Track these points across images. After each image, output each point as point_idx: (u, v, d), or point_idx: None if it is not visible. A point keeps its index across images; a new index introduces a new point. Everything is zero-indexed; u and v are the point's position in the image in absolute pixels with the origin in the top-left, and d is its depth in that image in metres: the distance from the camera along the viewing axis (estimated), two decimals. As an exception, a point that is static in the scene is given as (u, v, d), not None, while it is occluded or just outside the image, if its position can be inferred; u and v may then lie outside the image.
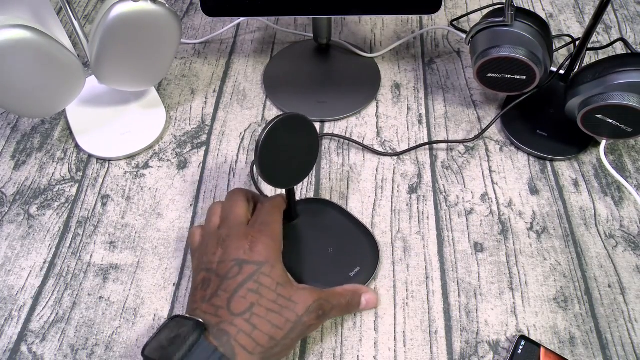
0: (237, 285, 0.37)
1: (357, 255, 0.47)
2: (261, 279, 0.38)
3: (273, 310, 0.37)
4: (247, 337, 0.35)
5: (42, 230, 0.51)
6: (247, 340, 0.35)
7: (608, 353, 0.42)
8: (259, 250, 0.39)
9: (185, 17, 0.74)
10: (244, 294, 0.37)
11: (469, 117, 0.60)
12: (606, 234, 0.50)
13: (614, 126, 0.50)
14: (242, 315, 0.36)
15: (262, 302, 0.37)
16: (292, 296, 0.38)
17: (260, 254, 0.39)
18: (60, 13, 0.73)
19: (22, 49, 0.46)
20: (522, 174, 0.55)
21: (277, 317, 0.37)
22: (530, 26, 0.52)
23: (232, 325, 0.35)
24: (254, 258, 0.38)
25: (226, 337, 0.35)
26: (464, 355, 0.42)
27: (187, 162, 0.57)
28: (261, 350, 0.35)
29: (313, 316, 0.38)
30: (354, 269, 0.46)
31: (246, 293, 0.37)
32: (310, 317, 0.38)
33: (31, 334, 0.44)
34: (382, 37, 0.70)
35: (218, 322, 0.36)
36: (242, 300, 0.37)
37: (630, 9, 0.74)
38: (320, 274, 0.45)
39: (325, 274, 0.45)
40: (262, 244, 0.39)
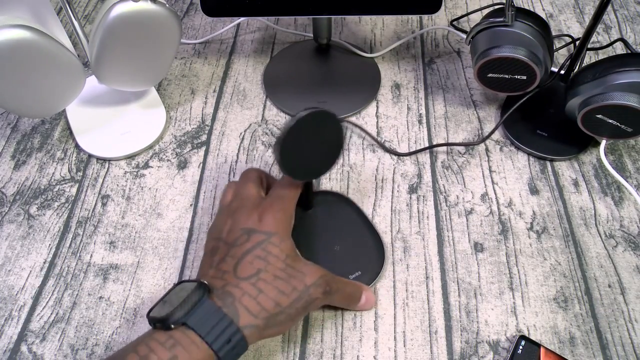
0: (244, 251, 0.37)
1: (362, 258, 0.47)
2: (269, 247, 0.38)
3: (280, 278, 0.37)
4: (252, 300, 0.35)
5: (42, 230, 0.51)
6: (251, 303, 0.35)
7: (608, 353, 0.42)
8: (268, 221, 0.39)
9: (185, 17, 0.74)
10: (251, 260, 0.37)
11: (469, 117, 0.60)
12: (606, 234, 0.50)
13: (614, 126, 0.50)
14: (249, 280, 0.36)
15: (269, 269, 0.37)
16: (300, 267, 0.38)
17: (270, 224, 0.39)
18: (60, 13, 0.73)
19: (22, 49, 0.46)
20: (522, 174, 0.55)
21: (284, 284, 0.36)
22: (531, 26, 0.52)
23: (237, 288, 0.35)
24: (263, 228, 0.38)
25: (230, 298, 0.35)
26: (464, 355, 0.42)
27: (187, 162, 0.57)
28: (266, 315, 0.35)
29: (320, 290, 0.38)
30: (355, 272, 0.46)
31: (253, 259, 0.37)
32: (317, 290, 0.38)
33: (31, 334, 0.44)
34: (382, 37, 0.70)
35: (223, 284, 0.36)
36: (249, 265, 0.37)
37: (630, 9, 0.74)
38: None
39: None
40: (271, 216, 0.39)
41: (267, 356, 0.42)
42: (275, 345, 0.43)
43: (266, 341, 0.43)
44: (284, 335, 0.44)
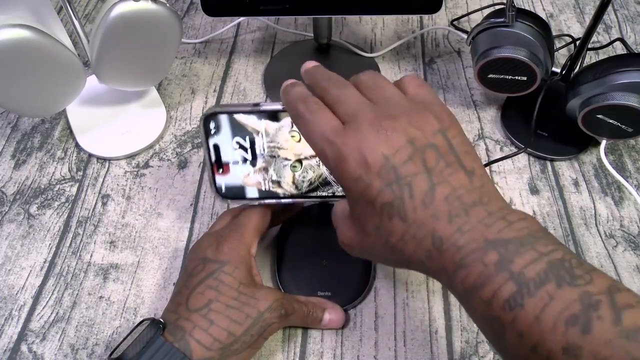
0: (197, 282, 0.38)
1: (342, 278, 0.45)
2: (221, 276, 0.38)
3: (232, 307, 0.36)
4: (203, 332, 0.35)
5: (42, 230, 0.51)
6: (203, 335, 0.35)
7: (608, 353, 0.42)
8: (223, 250, 0.39)
9: (186, 16, 0.74)
10: (202, 290, 0.37)
11: (469, 117, 0.60)
12: (606, 233, 0.50)
13: (614, 126, 0.50)
14: (199, 311, 0.36)
15: (220, 299, 0.36)
16: (254, 294, 0.38)
17: (224, 253, 0.39)
18: (61, 12, 0.73)
19: (22, 48, 0.45)
20: (522, 174, 0.55)
21: (236, 313, 0.36)
22: (531, 27, 0.52)
23: (187, 321, 0.35)
24: (217, 257, 0.39)
25: (181, 332, 0.35)
26: (464, 355, 0.43)
27: (187, 162, 0.57)
28: (219, 346, 0.35)
29: (275, 314, 0.38)
30: (325, 291, 0.44)
31: (205, 289, 0.37)
32: (272, 314, 0.38)
33: (31, 334, 0.44)
34: (382, 37, 0.70)
35: (176, 318, 0.36)
36: (200, 296, 0.37)
37: (630, 9, 0.74)
38: (301, 281, 0.45)
39: (306, 282, 0.45)
40: (227, 244, 0.39)
41: (267, 356, 0.42)
42: (275, 345, 0.43)
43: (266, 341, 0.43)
44: (284, 335, 0.44)
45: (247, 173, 0.41)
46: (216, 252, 0.39)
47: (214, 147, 0.40)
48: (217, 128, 0.39)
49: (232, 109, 0.39)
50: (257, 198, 0.42)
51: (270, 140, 0.39)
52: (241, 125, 0.39)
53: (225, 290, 0.37)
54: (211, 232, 0.43)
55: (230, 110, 0.38)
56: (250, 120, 0.39)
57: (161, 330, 0.35)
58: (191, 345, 0.34)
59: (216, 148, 0.40)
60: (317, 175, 0.41)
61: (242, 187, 0.41)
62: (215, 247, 0.39)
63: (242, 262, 0.39)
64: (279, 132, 0.39)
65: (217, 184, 0.41)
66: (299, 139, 0.39)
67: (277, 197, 0.41)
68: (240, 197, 0.42)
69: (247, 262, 0.39)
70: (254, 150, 0.40)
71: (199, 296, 0.37)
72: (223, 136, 0.39)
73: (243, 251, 0.40)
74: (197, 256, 0.40)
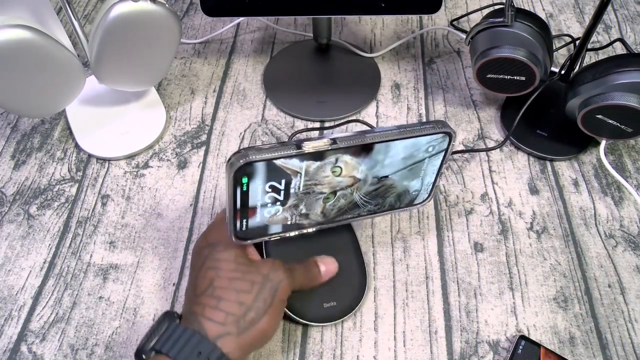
0: (198, 269, 0.39)
1: (343, 283, 0.44)
2: (216, 255, 0.38)
3: (236, 278, 0.37)
4: (213, 310, 0.35)
5: (42, 230, 0.51)
6: (214, 313, 0.35)
7: (608, 353, 0.42)
8: (212, 234, 0.40)
9: (185, 17, 0.74)
10: (204, 274, 0.38)
11: (469, 117, 0.60)
12: (606, 233, 0.50)
13: (614, 126, 0.50)
14: (205, 292, 0.37)
15: (221, 274, 0.37)
16: (253, 263, 0.38)
17: (213, 237, 0.40)
18: (60, 13, 0.73)
19: (22, 49, 0.45)
20: (522, 174, 0.55)
21: (241, 283, 0.37)
22: (530, 27, 0.52)
23: (198, 305, 0.36)
24: (208, 241, 0.40)
25: (193, 316, 0.36)
26: (464, 355, 0.43)
27: (187, 162, 0.57)
28: (233, 319, 0.35)
29: (280, 272, 0.38)
30: (330, 301, 0.43)
31: (206, 272, 0.38)
32: (277, 273, 0.38)
33: (31, 334, 0.44)
34: (382, 37, 0.70)
35: (189, 306, 0.37)
36: (203, 279, 0.37)
37: (630, 9, 0.74)
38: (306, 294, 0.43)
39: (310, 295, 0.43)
40: (214, 230, 0.41)
41: (267, 356, 0.42)
42: (275, 345, 0.43)
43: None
44: (284, 335, 0.44)
45: (275, 212, 0.37)
46: (207, 239, 0.40)
47: (241, 194, 0.34)
48: (249, 175, 0.33)
49: (270, 155, 0.32)
50: (280, 232, 0.39)
51: (309, 178, 0.35)
52: (278, 168, 0.33)
53: (223, 266, 0.38)
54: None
55: (268, 157, 0.32)
56: (291, 163, 0.34)
57: (176, 319, 0.36)
58: (205, 325, 0.35)
59: (244, 195, 0.34)
60: (348, 202, 0.39)
61: (266, 225, 0.38)
62: (204, 237, 0.41)
63: (233, 244, 0.39)
64: (320, 170, 0.35)
65: (237, 228, 0.37)
66: (339, 173, 0.36)
67: (301, 228, 0.40)
68: (262, 235, 0.39)
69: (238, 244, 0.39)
70: (287, 191, 0.35)
71: (202, 280, 0.37)
72: (255, 182, 0.34)
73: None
74: (195, 250, 0.41)
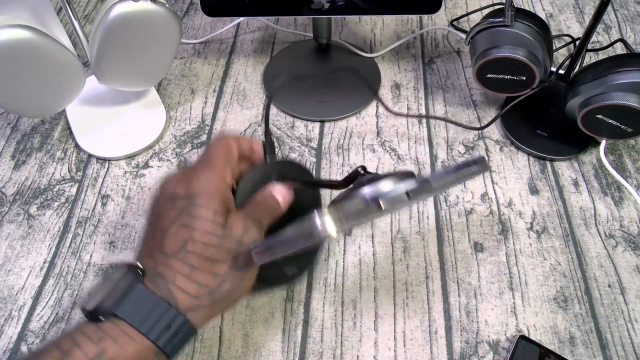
0: (169, 222, 0.33)
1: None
2: (194, 211, 0.33)
3: (211, 244, 0.33)
4: (186, 280, 0.32)
5: (42, 230, 0.51)
6: (187, 283, 0.32)
7: (608, 353, 0.42)
8: (193, 182, 0.34)
9: (185, 16, 0.74)
10: (176, 231, 0.33)
11: (469, 117, 0.60)
12: (606, 233, 0.50)
13: (614, 126, 0.50)
14: (177, 255, 0.32)
15: (196, 237, 0.32)
16: (227, 225, 0.34)
17: (193, 186, 0.34)
18: (60, 13, 0.73)
19: (22, 49, 0.45)
20: (522, 174, 0.55)
21: (216, 251, 0.33)
22: (530, 27, 0.52)
23: (167, 268, 0.32)
24: (189, 191, 0.34)
25: (162, 280, 0.31)
26: (464, 355, 0.42)
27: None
28: (206, 291, 0.32)
29: (252, 232, 0.34)
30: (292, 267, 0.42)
31: (178, 230, 0.33)
32: (249, 234, 0.34)
33: (31, 334, 0.44)
34: (382, 37, 0.70)
35: (154, 265, 0.32)
36: (174, 237, 0.32)
37: (630, 9, 0.74)
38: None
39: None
40: (197, 176, 0.34)
41: (267, 356, 0.42)
42: (275, 345, 0.43)
43: (266, 341, 0.43)
44: (284, 335, 0.44)
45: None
46: (186, 186, 0.34)
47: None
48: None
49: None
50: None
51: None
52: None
53: (199, 226, 0.33)
54: (179, 169, 0.39)
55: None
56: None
57: (141, 277, 0.32)
58: (176, 296, 0.31)
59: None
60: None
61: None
62: (184, 183, 0.34)
63: (217, 192, 0.34)
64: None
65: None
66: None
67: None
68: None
69: (222, 191, 0.35)
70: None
71: (173, 238, 0.32)
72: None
73: (216, 180, 0.35)
74: (165, 194, 0.35)
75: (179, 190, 0.34)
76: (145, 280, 0.32)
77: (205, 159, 0.36)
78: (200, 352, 0.43)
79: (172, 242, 0.32)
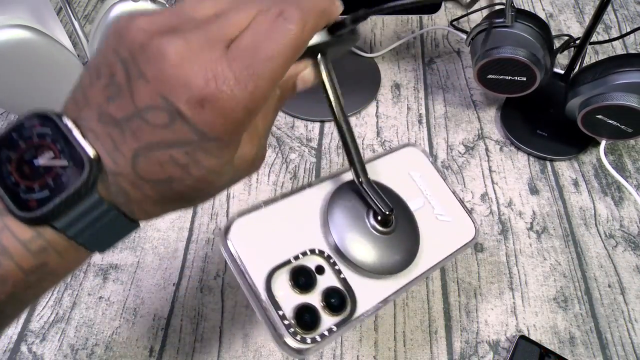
0: (156, 142, 0.21)
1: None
2: (198, 156, 0.21)
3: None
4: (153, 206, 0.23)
5: (42, 230, 0.51)
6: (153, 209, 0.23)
7: (608, 353, 0.42)
8: (209, 114, 0.20)
9: (185, 17, 0.74)
10: (163, 161, 0.21)
11: (469, 117, 0.60)
12: (606, 233, 0.50)
13: (614, 126, 0.50)
14: (153, 182, 0.22)
15: (187, 180, 0.22)
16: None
17: (212, 120, 0.20)
18: (60, 13, 0.73)
19: (22, 49, 0.45)
20: (522, 174, 0.55)
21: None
22: (531, 27, 0.52)
23: (135, 189, 0.22)
24: (199, 121, 0.20)
25: (123, 196, 0.22)
26: (464, 355, 0.43)
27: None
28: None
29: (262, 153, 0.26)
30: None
31: (167, 161, 0.21)
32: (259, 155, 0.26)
33: (31, 334, 0.44)
34: (382, 37, 0.70)
35: (111, 148, 0.21)
36: (158, 167, 0.21)
37: (630, 9, 0.74)
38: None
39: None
40: (226, 99, 0.20)
41: (267, 356, 0.42)
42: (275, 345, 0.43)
43: (266, 341, 0.43)
44: (284, 335, 0.44)
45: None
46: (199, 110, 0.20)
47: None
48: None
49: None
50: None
51: None
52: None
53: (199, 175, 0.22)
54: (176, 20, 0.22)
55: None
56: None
57: (94, 178, 0.21)
58: (137, 216, 0.23)
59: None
60: None
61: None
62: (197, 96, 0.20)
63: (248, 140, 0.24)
64: None
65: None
66: None
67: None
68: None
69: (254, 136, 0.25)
70: None
71: (155, 164, 0.21)
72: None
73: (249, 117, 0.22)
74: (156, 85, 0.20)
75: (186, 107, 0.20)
76: (99, 184, 0.21)
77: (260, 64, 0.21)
78: (200, 352, 0.43)
79: (152, 168, 0.21)
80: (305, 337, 0.25)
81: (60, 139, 0.21)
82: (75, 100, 0.22)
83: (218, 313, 0.45)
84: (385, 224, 0.29)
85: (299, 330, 0.25)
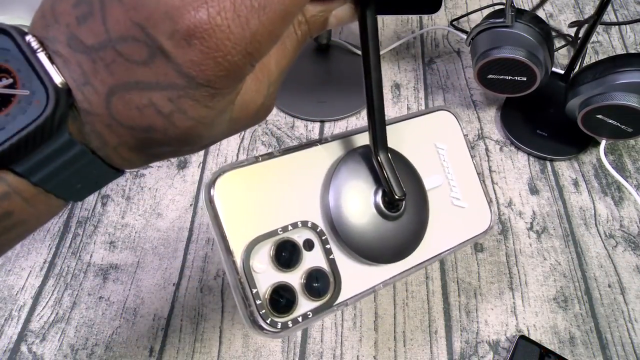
0: (133, 82, 0.17)
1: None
2: (182, 103, 0.18)
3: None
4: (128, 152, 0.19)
5: (42, 230, 0.51)
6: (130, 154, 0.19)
7: (608, 353, 0.42)
8: (207, 50, 0.16)
9: (185, 17, 0.74)
10: (141, 104, 0.18)
11: (469, 117, 0.60)
12: (606, 233, 0.50)
13: (614, 126, 0.50)
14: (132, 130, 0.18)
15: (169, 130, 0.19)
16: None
17: (205, 64, 0.17)
18: (60, 13, 0.73)
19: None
20: (522, 174, 0.55)
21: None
22: (531, 27, 0.52)
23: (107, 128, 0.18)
24: (185, 61, 0.17)
25: (97, 138, 0.18)
26: (464, 355, 0.43)
27: (187, 162, 0.57)
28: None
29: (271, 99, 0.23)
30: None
31: (146, 105, 0.18)
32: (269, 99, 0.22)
33: (31, 334, 0.44)
34: (382, 37, 0.70)
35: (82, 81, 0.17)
36: (135, 110, 0.18)
37: (630, 9, 0.74)
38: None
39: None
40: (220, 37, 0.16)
41: (267, 356, 0.42)
42: (275, 345, 0.43)
43: (266, 341, 0.43)
44: (284, 335, 0.44)
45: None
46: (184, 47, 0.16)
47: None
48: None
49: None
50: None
51: None
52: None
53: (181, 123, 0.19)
54: None
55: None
56: None
57: (63, 113, 0.17)
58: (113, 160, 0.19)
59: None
60: None
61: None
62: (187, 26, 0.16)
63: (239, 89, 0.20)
64: None
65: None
66: None
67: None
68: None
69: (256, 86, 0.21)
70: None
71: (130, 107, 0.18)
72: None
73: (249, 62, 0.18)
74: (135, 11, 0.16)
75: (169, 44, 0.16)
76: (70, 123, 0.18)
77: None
78: (200, 352, 0.43)
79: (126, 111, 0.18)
80: (276, 321, 0.22)
81: (21, 61, 0.17)
82: (44, 14, 0.17)
83: (218, 313, 0.45)
84: (393, 208, 0.26)
85: (270, 312, 0.23)
